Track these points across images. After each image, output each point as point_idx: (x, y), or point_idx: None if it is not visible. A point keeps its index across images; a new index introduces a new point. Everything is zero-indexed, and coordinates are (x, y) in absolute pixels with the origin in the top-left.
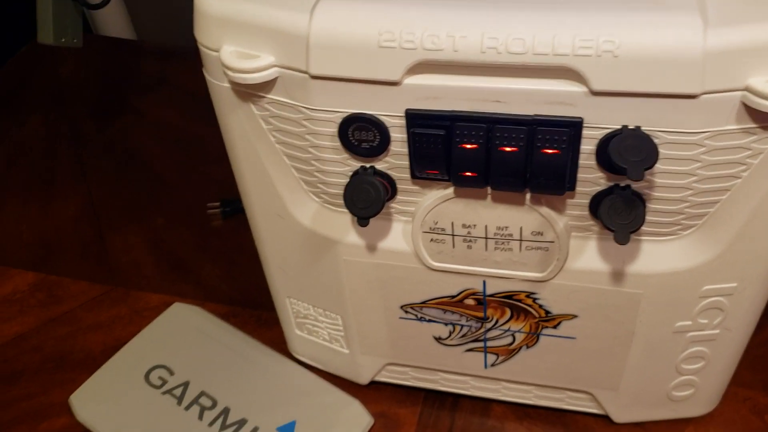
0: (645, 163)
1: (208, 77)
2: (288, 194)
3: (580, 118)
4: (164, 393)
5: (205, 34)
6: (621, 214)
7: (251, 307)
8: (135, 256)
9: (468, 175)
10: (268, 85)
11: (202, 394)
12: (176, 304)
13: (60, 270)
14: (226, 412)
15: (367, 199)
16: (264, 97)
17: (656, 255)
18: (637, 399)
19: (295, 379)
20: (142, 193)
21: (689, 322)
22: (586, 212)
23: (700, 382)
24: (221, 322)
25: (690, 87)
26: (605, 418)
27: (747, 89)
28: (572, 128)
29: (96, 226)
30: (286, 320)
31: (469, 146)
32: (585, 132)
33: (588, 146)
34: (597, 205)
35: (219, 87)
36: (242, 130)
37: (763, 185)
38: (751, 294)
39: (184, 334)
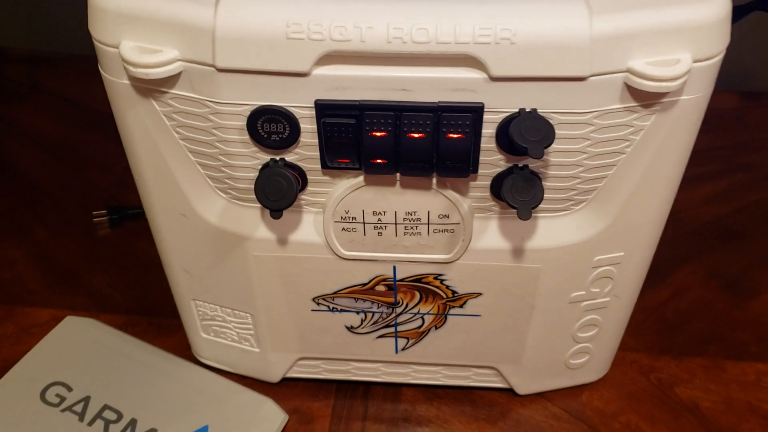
0: (544, 141)
1: (104, 74)
2: (193, 192)
3: (481, 103)
4: (63, 410)
5: (101, 30)
6: (522, 192)
7: (149, 315)
8: (18, 271)
9: (379, 162)
10: (171, 80)
11: (105, 407)
12: (69, 317)
13: None
14: (133, 423)
15: (279, 191)
16: (167, 92)
17: (552, 230)
18: (538, 370)
19: (204, 384)
20: (19, 205)
21: (583, 292)
22: (488, 193)
23: (593, 348)
24: (119, 332)
25: (579, 70)
26: (510, 392)
27: (629, 71)
28: (474, 113)
29: None
30: (191, 324)
31: (378, 134)
32: (486, 116)
33: (488, 130)
34: (498, 185)
35: (117, 84)
36: (143, 128)
37: (644, 159)
38: (636, 261)
39: (80, 348)
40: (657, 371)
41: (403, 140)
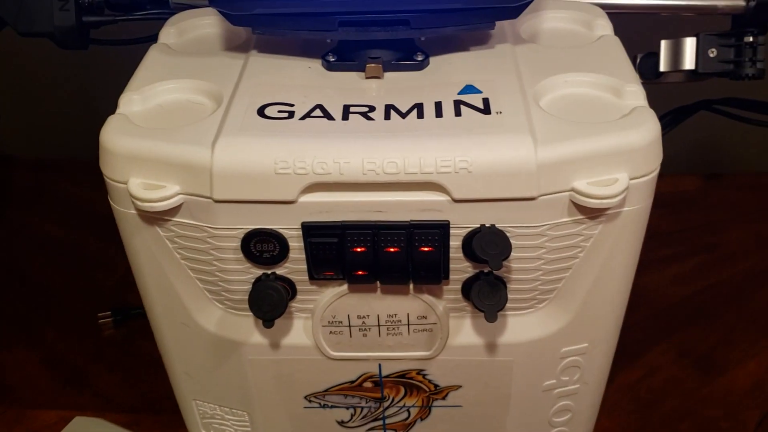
0: (502, 254)
1: (114, 206)
2: (193, 304)
3: (447, 220)
4: None
5: (111, 169)
6: (488, 296)
7: (153, 413)
8: (27, 372)
9: (360, 274)
10: (173, 210)
11: None
12: (77, 418)
13: None
14: None
15: (271, 302)
16: (169, 220)
17: (520, 326)
18: None
19: None
20: (29, 308)
21: (554, 381)
22: (460, 296)
23: (569, 431)
24: (125, 431)
25: (529, 192)
26: None
27: (573, 190)
28: (442, 229)
29: None
30: (192, 422)
31: (359, 249)
32: (452, 231)
33: (455, 242)
34: (468, 290)
35: (125, 214)
36: (148, 251)
37: (596, 262)
38: (601, 351)
39: None
40: None
41: (381, 254)
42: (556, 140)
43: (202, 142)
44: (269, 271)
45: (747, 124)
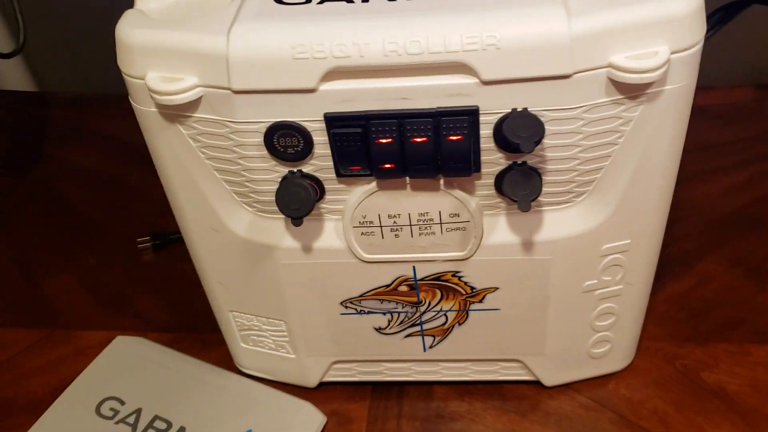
0: (534, 137)
1: (134, 105)
2: (221, 207)
3: (476, 106)
4: (117, 423)
5: (129, 64)
6: (521, 185)
7: (193, 332)
8: (72, 297)
9: (387, 167)
10: (193, 105)
11: (156, 418)
12: (119, 337)
13: None
14: (182, 431)
15: (298, 200)
16: (190, 116)
17: (558, 222)
18: (562, 361)
19: (246, 391)
20: (72, 237)
21: (595, 281)
22: (493, 191)
23: (614, 337)
24: (166, 348)
25: (562, 69)
26: (537, 384)
27: (610, 65)
28: (471, 115)
29: (27, 273)
30: (231, 335)
31: (384, 141)
32: (482, 118)
33: (486, 131)
34: (501, 182)
35: (146, 113)
36: (172, 151)
37: (637, 148)
38: (644, 248)
39: (131, 365)
40: (682, 358)
41: (407, 145)
42: (591, 11)
43: (218, 30)
44: (295, 169)
45: None
